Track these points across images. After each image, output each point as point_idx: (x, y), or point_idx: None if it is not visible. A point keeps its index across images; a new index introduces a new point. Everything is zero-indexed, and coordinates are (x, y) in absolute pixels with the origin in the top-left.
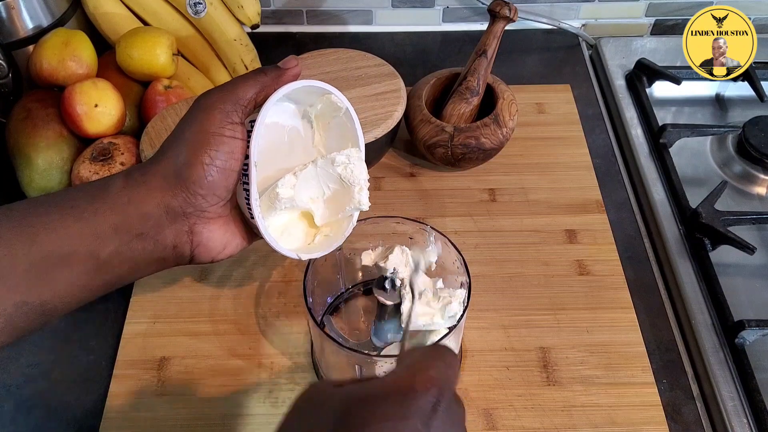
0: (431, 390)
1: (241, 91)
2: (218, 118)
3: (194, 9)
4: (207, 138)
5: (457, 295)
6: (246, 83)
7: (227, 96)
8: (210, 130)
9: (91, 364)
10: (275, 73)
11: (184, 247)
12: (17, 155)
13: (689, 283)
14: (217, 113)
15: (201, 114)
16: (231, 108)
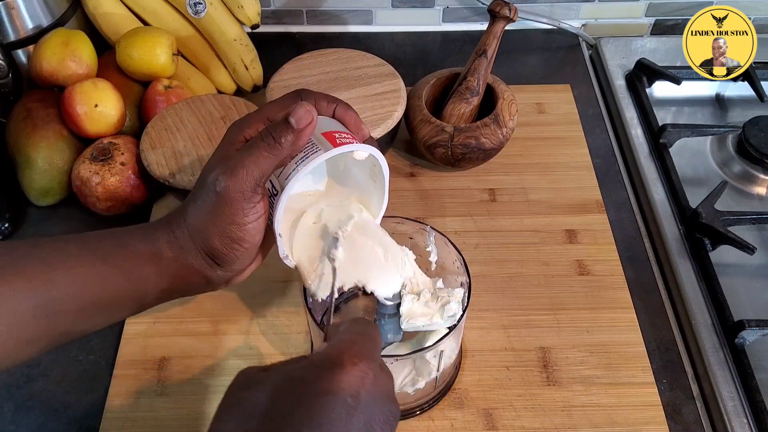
0: (358, 365)
1: (258, 172)
2: (240, 207)
3: (194, 9)
4: (234, 230)
5: (456, 294)
6: (260, 159)
7: (246, 181)
8: (236, 222)
9: (91, 364)
10: (289, 138)
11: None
12: (17, 155)
13: (689, 283)
14: (240, 203)
15: (223, 206)
16: (251, 193)
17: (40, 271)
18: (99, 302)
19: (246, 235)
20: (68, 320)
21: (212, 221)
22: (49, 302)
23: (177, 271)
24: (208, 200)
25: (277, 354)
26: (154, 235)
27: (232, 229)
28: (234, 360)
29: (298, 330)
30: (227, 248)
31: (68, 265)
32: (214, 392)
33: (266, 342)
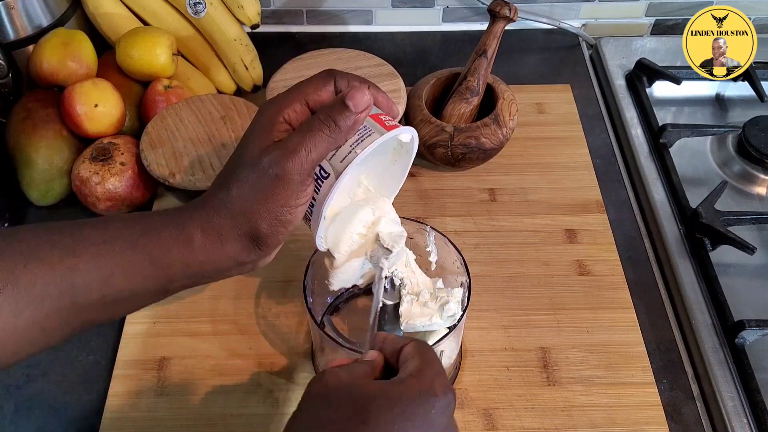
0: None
1: (317, 154)
2: (294, 189)
3: (194, 9)
4: (284, 212)
5: (455, 294)
6: (321, 144)
7: (306, 163)
8: (288, 203)
9: (91, 364)
10: (350, 122)
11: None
12: (17, 155)
13: (689, 283)
14: (296, 183)
15: (279, 184)
16: (307, 174)
17: (63, 258)
18: (124, 290)
19: (293, 218)
20: (92, 308)
21: (263, 204)
22: (72, 290)
23: (208, 257)
24: (261, 182)
25: (277, 354)
26: (185, 220)
27: (283, 212)
28: (234, 360)
29: (298, 330)
30: (273, 231)
31: (93, 252)
32: (214, 392)
33: (266, 342)
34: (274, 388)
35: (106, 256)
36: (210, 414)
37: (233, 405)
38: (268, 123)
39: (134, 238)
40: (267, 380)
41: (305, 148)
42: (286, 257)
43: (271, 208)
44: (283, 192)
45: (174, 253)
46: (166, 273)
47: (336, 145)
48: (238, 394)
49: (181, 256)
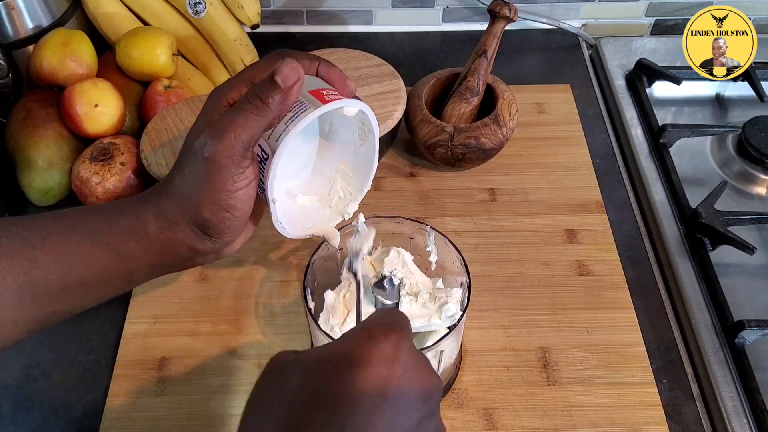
0: (390, 336)
1: (247, 135)
2: (230, 173)
3: (194, 9)
4: (224, 197)
5: (453, 294)
6: (250, 123)
7: (234, 146)
8: (225, 187)
9: (91, 364)
10: (278, 98)
11: (208, 261)
12: (17, 155)
13: (689, 283)
14: (229, 168)
15: (211, 170)
16: (240, 157)
17: (22, 250)
18: (85, 281)
19: (237, 203)
20: (54, 300)
21: (201, 189)
22: (32, 282)
23: (164, 245)
24: (196, 168)
25: None
26: (140, 209)
27: (221, 197)
28: (234, 360)
29: (298, 330)
30: (218, 217)
31: (52, 243)
32: (214, 392)
33: (266, 342)
34: None
35: (64, 245)
36: (210, 414)
37: (233, 405)
38: (210, 107)
39: (92, 227)
40: None
41: (233, 129)
42: (286, 257)
43: (209, 193)
44: (216, 176)
45: (132, 242)
46: (126, 262)
47: (266, 123)
48: (238, 394)
49: (138, 245)
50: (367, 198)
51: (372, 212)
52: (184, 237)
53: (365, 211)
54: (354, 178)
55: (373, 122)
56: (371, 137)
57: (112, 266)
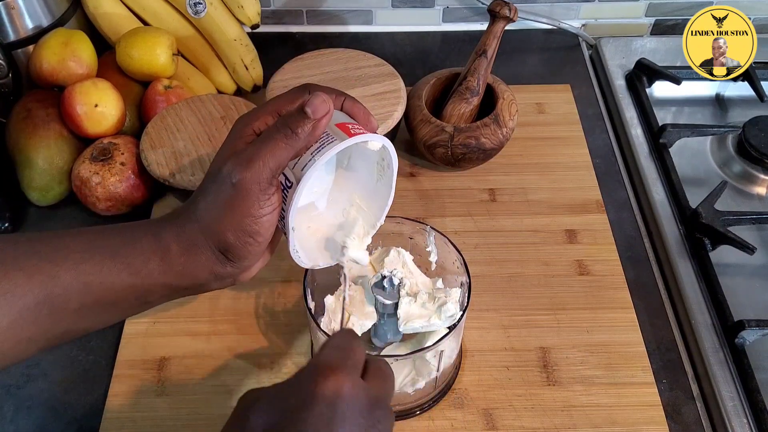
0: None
1: (275, 162)
2: (256, 198)
3: (194, 9)
4: (249, 223)
5: (452, 294)
6: (278, 152)
7: (262, 172)
8: (250, 214)
9: (91, 364)
10: (308, 129)
11: (226, 285)
12: (17, 155)
13: (689, 283)
14: (255, 194)
15: (238, 198)
16: (266, 183)
17: (42, 267)
18: (102, 300)
19: (261, 228)
20: (70, 318)
21: (226, 215)
22: (51, 299)
23: (184, 268)
24: (222, 193)
25: (277, 354)
26: (161, 231)
27: (247, 222)
28: (234, 360)
29: (298, 330)
30: (241, 242)
31: (72, 261)
32: (214, 392)
33: (266, 342)
34: None
35: (85, 265)
36: (210, 414)
37: (233, 405)
38: (236, 135)
39: (113, 248)
40: (267, 380)
41: (261, 156)
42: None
43: (234, 219)
44: (243, 202)
45: (152, 264)
46: (145, 283)
47: (294, 152)
48: (238, 394)
49: (158, 266)
50: None
51: None
52: (205, 260)
53: None
54: (368, 212)
55: (393, 158)
56: (389, 173)
57: (130, 286)
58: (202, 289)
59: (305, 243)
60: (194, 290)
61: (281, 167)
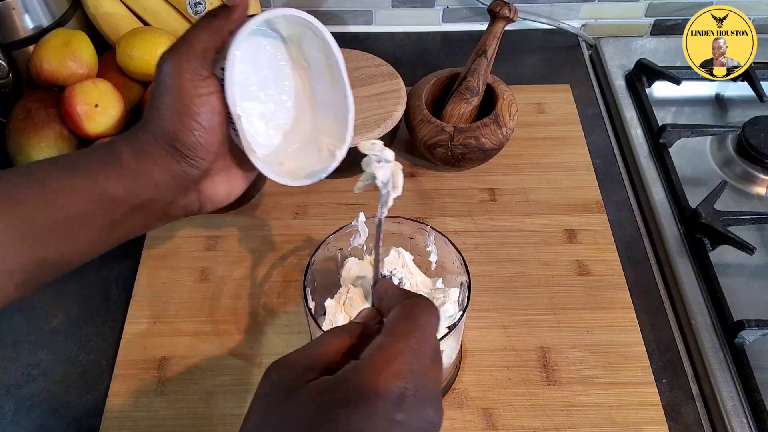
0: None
1: (199, 44)
2: (188, 78)
3: (194, 9)
4: (186, 104)
5: (451, 295)
6: (200, 34)
7: (188, 53)
8: (185, 94)
9: (91, 364)
10: (225, 13)
11: (194, 205)
12: (17, 155)
13: (689, 283)
14: (186, 74)
15: (170, 80)
16: (196, 64)
17: (5, 187)
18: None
19: (200, 110)
20: (42, 241)
21: (166, 103)
22: (19, 221)
23: (139, 170)
24: (160, 87)
25: (277, 354)
26: (114, 142)
27: (185, 104)
28: (234, 360)
29: (298, 330)
30: (184, 127)
31: (36, 179)
32: (214, 392)
33: (266, 342)
34: None
35: (48, 180)
36: (210, 414)
37: (233, 405)
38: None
39: (72, 162)
40: None
41: (185, 40)
42: (286, 257)
43: (173, 104)
44: (177, 84)
45: (107, 169)
46: (106, 193)
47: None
48: (238, 394)
49: (114, 172)
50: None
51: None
52: (156, 157)
53: (366, 211)
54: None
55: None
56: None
57: (93, 198)
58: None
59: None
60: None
61: (208, 50)
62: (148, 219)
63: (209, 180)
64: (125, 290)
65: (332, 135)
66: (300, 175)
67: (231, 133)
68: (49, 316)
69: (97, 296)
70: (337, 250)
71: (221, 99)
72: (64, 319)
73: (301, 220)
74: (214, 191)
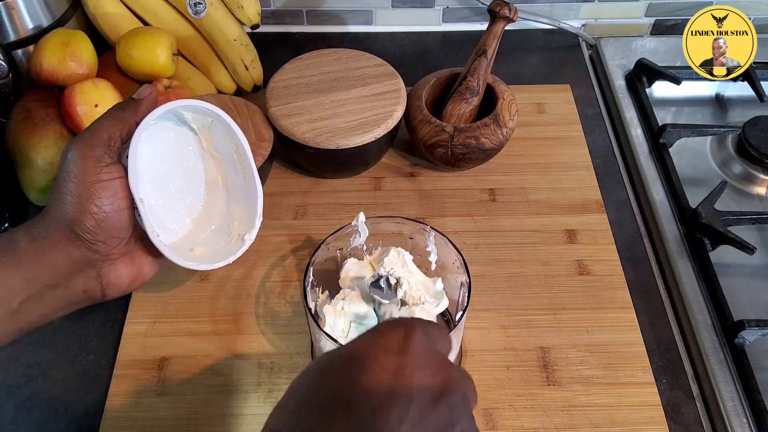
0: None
1: (103, 133)
2: (91, 165)
3: (194, 9)
4: (87, 188)
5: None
6: (105, 124)
7: (92, 141)
8: (87, 180)
9: (91, 364)
10: (132, 105)
11: (95, 291)
12: (17, 155)
13: (689, 283)
14: (89, 161)
15: (73, 166)
16: (100, 152)
17: None
18: None
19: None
20: None
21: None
22: None
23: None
24: (62, 171)
25: (277, 354)
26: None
27: (86, 188)
28: (234, 360)
29: (298, 330)
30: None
31: None
32: (214, 392)
33: (266, 342)
34: (274, 388)
35: None
36: (210, 414)
37: (233, 405)
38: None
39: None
40: (267, 380)
41: (90, 129)
42: (286, 257)
43: (75, 187)
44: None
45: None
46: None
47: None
48: (238, 394)
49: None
50: (368, 198)
51: (372, 212)
52: (56, 242)
53: (365, 211)
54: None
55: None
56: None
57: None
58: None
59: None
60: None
61: (112, 138)
62: (47, 307)
63: (111, 265)
64: None
65: (242, 221)
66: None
67: (137, 219)
68: None
69: None
70: (337, 251)
71: (125, 185)
72: (64, 319)
73: (301, 220)
74: (117, 275)
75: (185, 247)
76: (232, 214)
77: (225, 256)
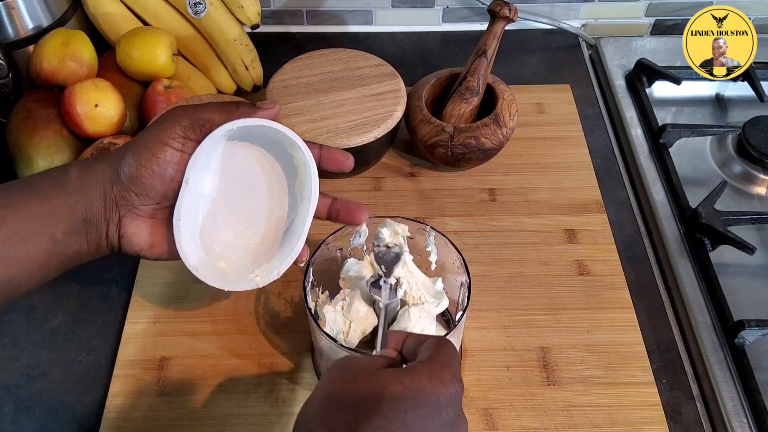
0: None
1: (206, 113)
2: (172, 129)
3: (194, 9)
4: (154, 144)
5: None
6: (212, 107)
7: (192, 113)
8: (159, 137)
9: (91, 364)
10: (248, 108)
11: (113, 236)
12: (17, 155)
13: (689, 283)
14: (175, 126)
15: (162, 124)
16: (189, 124)
17: None
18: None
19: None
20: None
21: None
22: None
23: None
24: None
25: (277, 354)
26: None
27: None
28: (234, 360)
29: (298, 330)
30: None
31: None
32: (214, 392)
33: (266, 342)
34: (274, 388)
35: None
36: (210, 414)
37: (233, 405)
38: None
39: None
40: (267, 380)
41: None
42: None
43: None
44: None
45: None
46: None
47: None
48: (238, 394)
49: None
50: (368, 198)
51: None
52: (99, 175)
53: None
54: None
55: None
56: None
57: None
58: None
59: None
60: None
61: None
62: (80, 243)
63: (132, 218)
64: (125, 290)
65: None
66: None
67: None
68: (49, 316)
69: (97, 296)
70: (337, 251)
71: (183, 165)
72: (64, 319)
73: None
74: (134, 231)
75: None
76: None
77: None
